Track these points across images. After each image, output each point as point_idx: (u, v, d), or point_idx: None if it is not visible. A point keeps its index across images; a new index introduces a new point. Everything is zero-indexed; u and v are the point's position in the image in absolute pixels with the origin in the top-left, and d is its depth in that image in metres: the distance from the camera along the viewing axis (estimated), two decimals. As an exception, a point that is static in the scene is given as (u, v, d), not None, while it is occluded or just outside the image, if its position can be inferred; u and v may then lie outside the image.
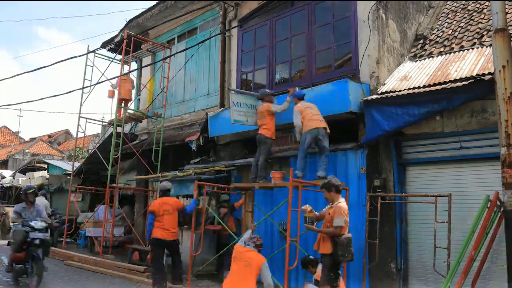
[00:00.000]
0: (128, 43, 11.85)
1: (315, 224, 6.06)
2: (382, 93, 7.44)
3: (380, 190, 7.31)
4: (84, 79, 12.36)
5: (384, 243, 7.15)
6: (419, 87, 7.08)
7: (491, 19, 6.94)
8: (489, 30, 7.82)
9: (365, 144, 7.64)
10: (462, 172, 6.90)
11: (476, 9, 9.01)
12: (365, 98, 7.44)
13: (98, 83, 11.67)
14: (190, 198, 9.24)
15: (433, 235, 6.43)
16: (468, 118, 6.80)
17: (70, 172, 15.86)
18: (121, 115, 11.84)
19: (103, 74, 12.62)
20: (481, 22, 8.40)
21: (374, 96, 7.41)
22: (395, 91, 7.26)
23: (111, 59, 13.42)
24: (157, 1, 12.80)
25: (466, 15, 9.00)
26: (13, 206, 17.73)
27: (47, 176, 18.56)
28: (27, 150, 35.56)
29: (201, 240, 8.59)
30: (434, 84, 6.95)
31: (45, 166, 20.96)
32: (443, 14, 9.52)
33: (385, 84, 7.75)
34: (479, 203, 6.08)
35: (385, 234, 7.19)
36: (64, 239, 12.47)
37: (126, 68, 13.00)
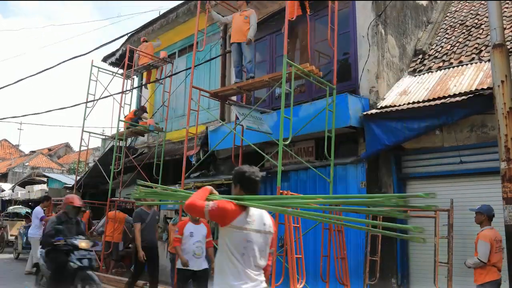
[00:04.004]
0: (130, 58, 11.94)
1: None
2: (381, 107, 7.47)
3: (380, 205, 7.28)
4: (88, 93, 12.42)
5: (385, 259, 7.11)
6: (418, 102, 7.11)
7: (489, 35, 7.00)
8: (487, 46, 7.88)
9: (365, 158, 7.65)
10: (462, 187, 6.89)
11: (474, 24, 9.09)
12: (365, 113, 7.47)
13: (101, 98, 11.72)
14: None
15: (434, 250, 6.40)
16: (468, 133, 6.82)
17: (70, 185, 15.85)
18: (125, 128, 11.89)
19: (106, 89, 12.61)
20: (479, 38, 8.47)
21: (374, 111, 7.44)
22: (395, 106, 7.29)
23: (113, 74, 13.49)
24: (158, 16, 12.96)
25: (464, 30, 9.08)
26: (13, 220, 17.80)
27: (47, 190, 18.52)
28: (27, 163, 35.55)
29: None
30: (434, 99, 6.99)
31: (45, 179, 20.93)
32: (442, 30, 9.60)
33: (384, 98, 7.79)
34: (479, 218, 6.05)
35: (385, 249, 7.15)
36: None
37: (128, 83, 13.06)
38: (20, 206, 19.72)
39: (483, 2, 9.62)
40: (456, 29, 9.31)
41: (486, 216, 5.67)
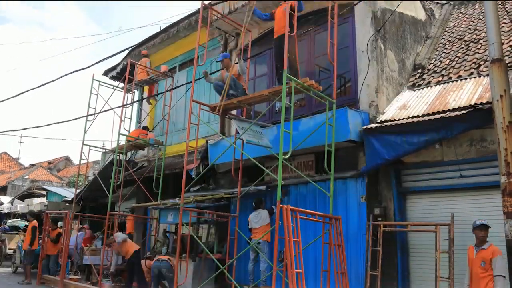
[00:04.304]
0: (131, 72, 12.01)
1: None
2: (381, 121, 7.49)
3: (380, 219, 7.28)
4: (89, 107, 12.45)
5: (385, 273, 7.05)
6: (418, 116, 7.13)
7: (487, 50, 7.06)
8: (485, 60, 7.94)
9: (365, 172, 7.65)
10: (463, 201, 6.88)
11: (473, 39, 9.16)
12: (365, 127, 7.49)
13: (102, 111, 11.74)
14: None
15: (435, 265, 6.36)
16: (468, 147, 6.83)
17: (69, 199, 15.79)
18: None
19: (106, 102, 12.64)
20: (478, 52, 8.53)
21: (373, 125, 7.46)
22: (395, 120, 7.31)
23: (114, 87, 13.54)
24: (159, 31, 13.06)
25: (463, 45, 9.15)
26: (11, 233, 17.71)
27: (46, 203, 18.44)
28: (26, 176, 35.52)
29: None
30: (433, 113, 7.01)
31: (44, 192, 20.87)
32: (441, 45, 9.68)
33: (384, 113, 7.81)
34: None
35: (386, 264, 7.10)
36: (63, 267, 12.30)
37: (129, 96, 13.11)
38: (19, 219, 19.63)
39: (481, 17, 9.72)
40: (454, 44, 9.38)
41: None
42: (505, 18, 9.10)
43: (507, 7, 9.46)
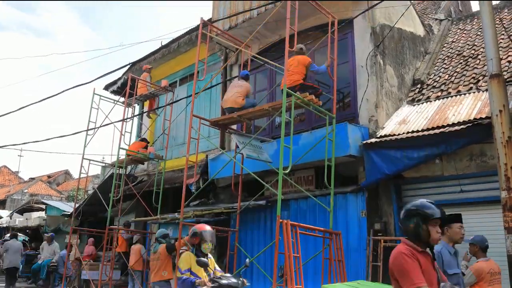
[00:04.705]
0: (131, 86, 12.06)
1: None
2: (381, 136, 7.50)
3: (380, 234, 7.24)
4: (89, 121, 12.47)
5: (386, 289, 7.00)
6: (417, 131, 7.15)
7: (486, 65, 7.11)
8: (484, 75, 7.99)
9: (365, 187, 7.63)
10: (463, 216, 6.81)
11: (471, 55, 9.24)
12: (365, 142, 7.50)
13: (102, 126, 11.76)
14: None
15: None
16: (468, 162, 6.83)
17: (68, 213, 15.72)
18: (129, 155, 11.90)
19: (107, 116, 12.68)
20: (477, 68, 8.59)
21: (373, 140, 7.47)
22: (394, 135, 7.32)
23: (115, 102, 13.57)
24: (160, 46, 13.15)
25: (461, 60, 9.22)
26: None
27: (45, 217, 18.36)
28: (25, 190, 35.43)
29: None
30: (433, 128, 7.03)
31: (43, 206, 20.80)
32: (439, 60, 9.75)
33: (384, 127, 7.83)
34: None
35: (386, 279, 7.03)
36: (63, 283, 12.21)
37: (129, 111, 13.13)
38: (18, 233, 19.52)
39: (479, 33, 9.81)
40: (453, 59, 9.45)
41: (479, 247, 5.58)
42: (503, 34, 9.19)
43: (504, 23, 9.56)
